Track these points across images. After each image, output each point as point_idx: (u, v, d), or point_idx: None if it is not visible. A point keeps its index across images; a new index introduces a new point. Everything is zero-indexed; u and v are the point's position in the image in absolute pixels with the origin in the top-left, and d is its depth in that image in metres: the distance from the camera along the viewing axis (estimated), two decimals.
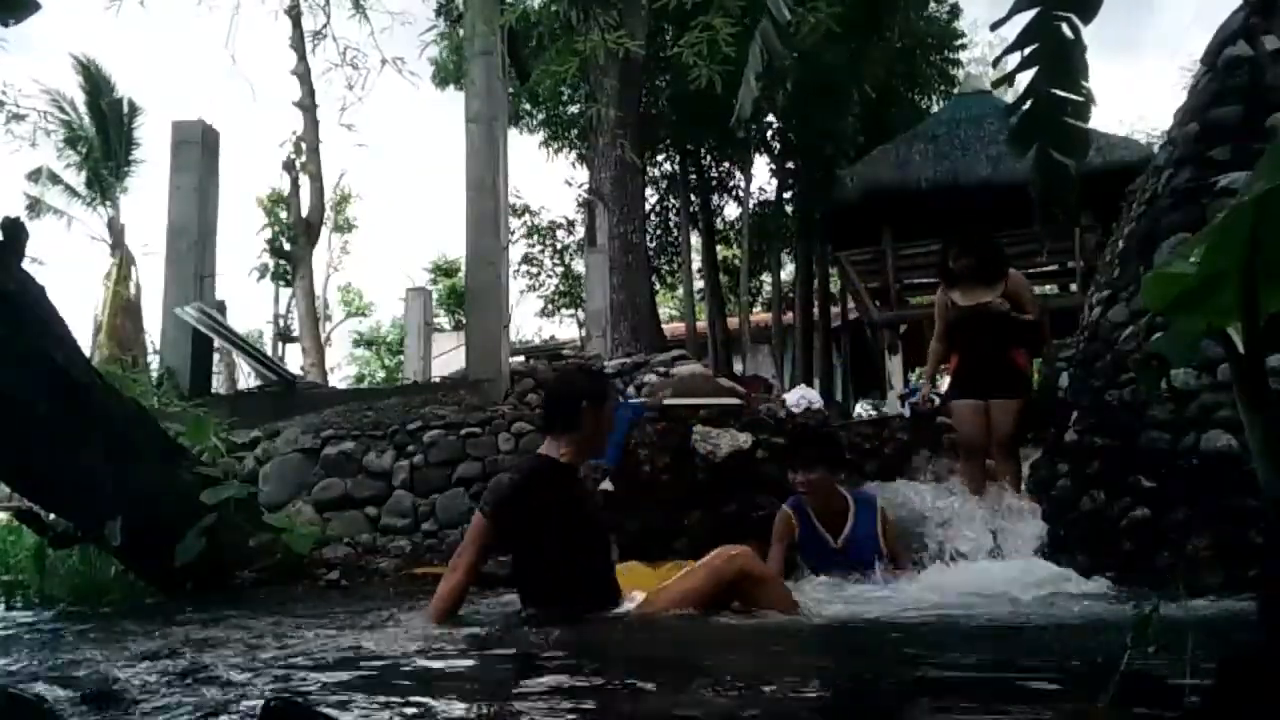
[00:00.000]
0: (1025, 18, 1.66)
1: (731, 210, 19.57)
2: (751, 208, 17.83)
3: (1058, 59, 1.64)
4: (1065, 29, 1.63)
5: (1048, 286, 15.19)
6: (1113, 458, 3.64)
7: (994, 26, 1.76)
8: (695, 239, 19.56)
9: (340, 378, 25.98)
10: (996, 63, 2.06)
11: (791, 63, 11.67)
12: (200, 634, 2.65)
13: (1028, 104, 1.72)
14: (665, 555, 4.38)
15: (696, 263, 20.14)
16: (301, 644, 2.35)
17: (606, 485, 5.10)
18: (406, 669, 1.96)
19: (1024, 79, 1.72)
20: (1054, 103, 1.68)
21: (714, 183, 18.55)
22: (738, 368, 15.83)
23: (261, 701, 1.25)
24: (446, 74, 15.80)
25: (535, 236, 19.11)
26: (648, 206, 16.71)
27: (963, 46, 17.53)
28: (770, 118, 15.91)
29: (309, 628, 2.75)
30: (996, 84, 12.19)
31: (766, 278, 20.68)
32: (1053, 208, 2.00)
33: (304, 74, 13.23)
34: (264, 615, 3.17)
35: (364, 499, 5.70)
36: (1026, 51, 1.67)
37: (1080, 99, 1.67)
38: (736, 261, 19.41)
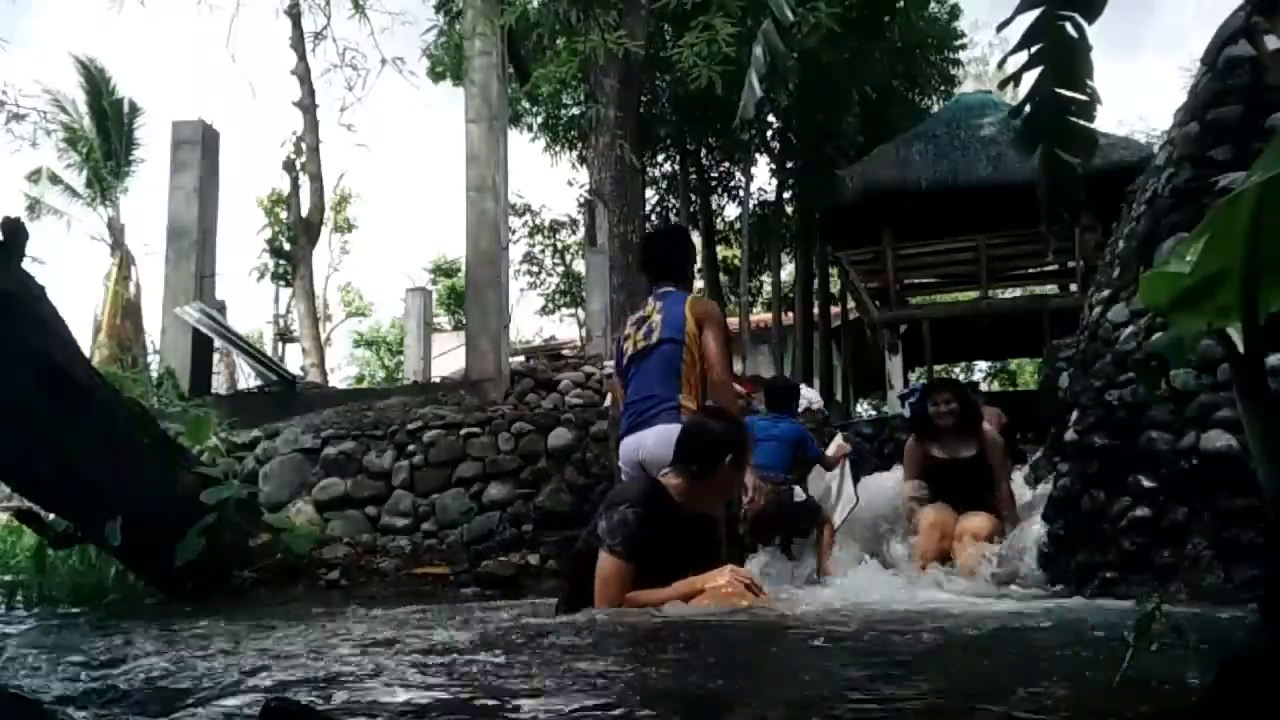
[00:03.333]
0: (1029, 18, 1.66)
1: (731, 210, 19.58)
2: (751, 208, 17.82)
3: (1063, 59, 1.64)
4: (1069, 29, 1.62)
5: (1048, 286, 15.19)
6: (1113, 458, 3.63)
7: (1000, 27, 1.76)
8: (695, 239, 19.54)
9: (340, 378, 25.92)
10: (1002, 63, 2.06)
11: (793, 63, 11.65)
12: (200, 634, 2.65)
13: (1032, 104, 1.71)
14: None
15: (697, 263, 20.12)
16: (302, 644, 2.34)
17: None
18: (407, 668, 1.96)
19: (1029, 79, 1.71)
20: (1059, 102, 1.68)
21: (714, 183, 18.53)
22: (737, 368, 15.80)
23: (261, 701, 1.25)
24: (443, 67, 15.69)
25: (536, 236, 19.11)
26: (648, 206, 16.69)
27: (963, 47, 17.48)
28: (770, 118, 15.89)
29: (310, 627, 2.75)
30: (1002, 85, 12.18)
31: (766, 278, 20.64)
32: (1059, 207, 1.99)
33: (304, 74, 13.21)
34: (264, 615, 3.17)
35: (364, 499, 5.70)
36: (1031, 51, 1.67)
37: (1085, 98, 1.66)
38: (736, 261, 19.38)
